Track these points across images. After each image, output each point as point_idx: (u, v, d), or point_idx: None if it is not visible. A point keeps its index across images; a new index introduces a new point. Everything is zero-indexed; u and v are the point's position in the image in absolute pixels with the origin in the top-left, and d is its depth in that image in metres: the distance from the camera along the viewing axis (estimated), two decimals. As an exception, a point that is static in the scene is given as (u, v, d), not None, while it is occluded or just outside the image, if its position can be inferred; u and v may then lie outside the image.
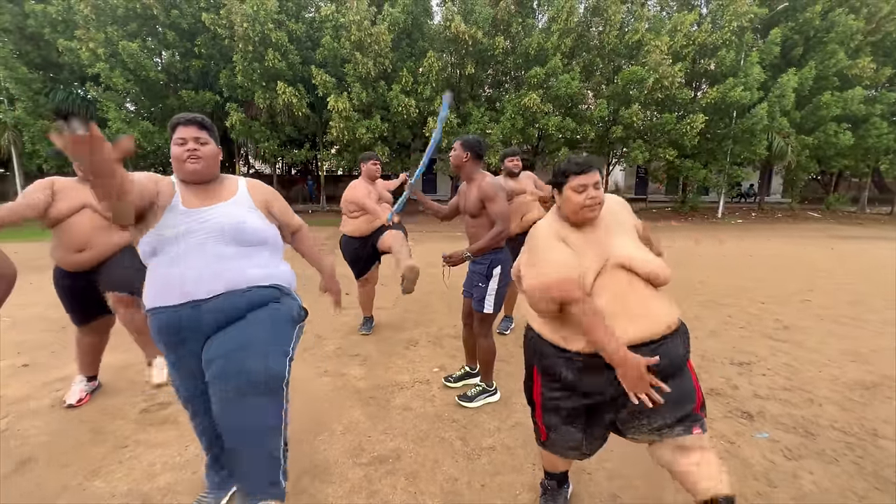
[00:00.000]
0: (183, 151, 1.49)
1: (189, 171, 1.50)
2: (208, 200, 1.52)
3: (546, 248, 1.44)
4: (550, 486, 1.77)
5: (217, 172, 1.60)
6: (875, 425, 2.45)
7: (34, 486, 1.93)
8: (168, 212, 1.45)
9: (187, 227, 1.44)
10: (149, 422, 2.46)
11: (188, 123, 1.51)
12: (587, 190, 1.42)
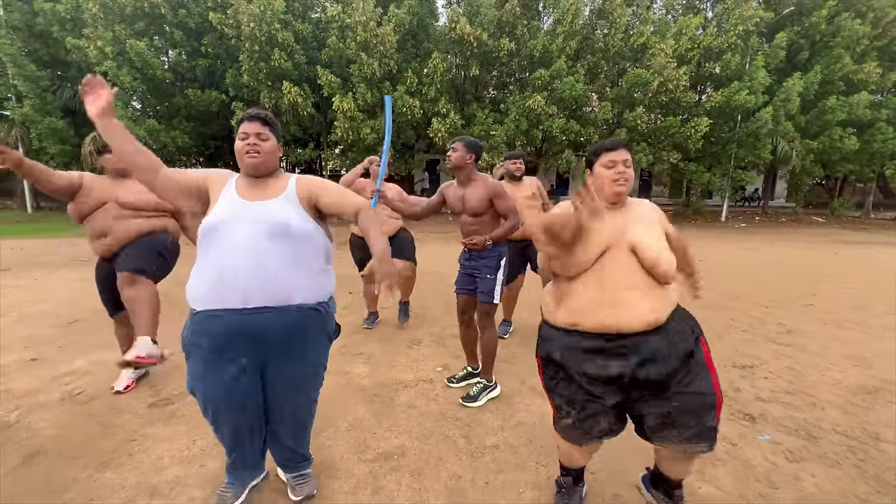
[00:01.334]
0: (244, 145, 1.57)
1: (248, 164, 1.59)
2: (260, 195, 1.58)
3: (559, 206, 1.60)
4: (566, 483, 1.77)
5: (275, 167, 1.67)
6: (877, 429, 2.46)
7: (44, 477, 1.96)
8: (222, 199, 1.56)
9: (236, 215, 1.51)
10: (156, 416, 2.49)
11: (252, 119, 1.60)
12: (616, 166, 1.52)
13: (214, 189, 1.61)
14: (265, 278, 1.47)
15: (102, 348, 3.39)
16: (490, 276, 2.58)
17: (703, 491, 1.94)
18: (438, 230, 12.72)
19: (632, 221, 1.52)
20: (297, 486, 1.80)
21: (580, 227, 1.36)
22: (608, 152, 1.53)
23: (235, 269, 1.45)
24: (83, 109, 6.77)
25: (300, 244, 1.56)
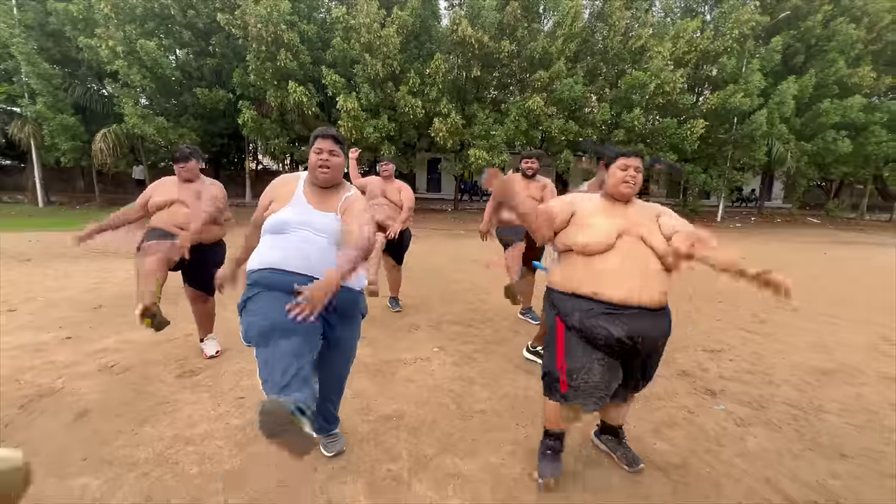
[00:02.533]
0: (318, 159, 1.84)
1: (320, 178, 1.86)
2: (323, 206, 1.87)
3: (561, 200, 1.95)
4: (552, 447, 2.00)
5: (340, 179, 1.95)
6: (823, 403, 2.78)
7: (93, 431, 2.29)
8: (293, 201, 1.86)
9: (308, 221, 1.80)
10: (183, 385, 2.81)
11: (326, 137, 1.85)
12: (629, 170, 1.82)
13: (280, 196, 1.90)
14: (323, 267, 1.70)
15: (128, 329, 3.72)
16: None
17: (658, 447, 2.26)
18: (444, 228, 13.03)
19: (642, 217, 1.82)
20: (328, 444, 2.11)
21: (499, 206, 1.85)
22: (626, 157, 1.84)
23: (304, 253, 1.75)
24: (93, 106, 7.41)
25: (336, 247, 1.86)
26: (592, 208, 1.88)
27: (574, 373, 1.74)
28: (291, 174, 2.04)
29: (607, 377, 1.73)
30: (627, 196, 1.85)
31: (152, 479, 1.93)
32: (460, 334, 3.86)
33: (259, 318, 1.66)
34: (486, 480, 1.98)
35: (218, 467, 2.01)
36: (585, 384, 1.73)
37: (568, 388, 1.76)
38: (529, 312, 4.29)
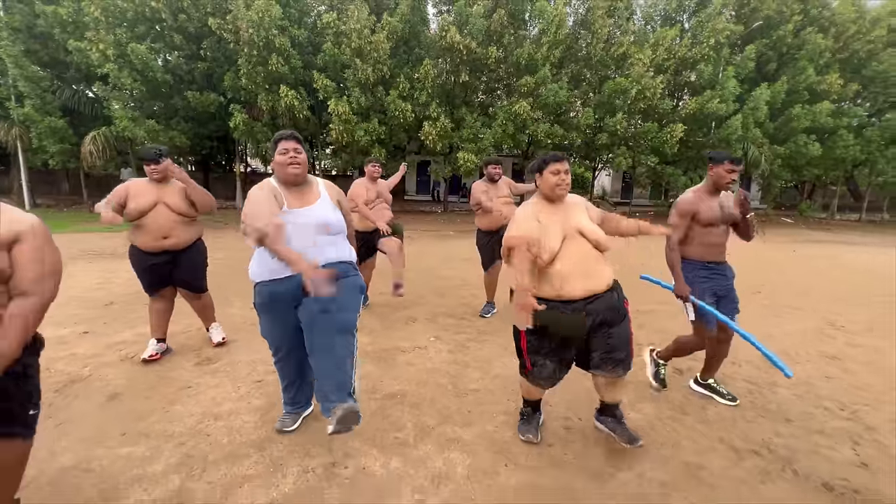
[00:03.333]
0: (287, 158, 2.04)
1: (291, 173, 2.05)
2: (304, 202, 2.10)
3: (519, 219, 2.14)
4: (527, 413, 2.38)
5: (307, 176, 2.17)
6: (776, 379, 3.15)
7: (128, 410, 2.54)
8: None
9: (294, 223, 1.99)
10: (203, 372, 3.07)
11: (289, 138, 2.08)
12: (559, 174, 2.07)
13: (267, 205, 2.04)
14: (319, 255, 2.00)
15: (141, 324, 3.94)
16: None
17: (631, 416, 2.60)
18: (433, 229, 13.32)
19: (572, 213, 2.13)
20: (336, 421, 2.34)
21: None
22: (555, 163, 2.09)
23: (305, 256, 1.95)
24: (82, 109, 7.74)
25: (338, 231, 2.15)
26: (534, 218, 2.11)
27: (533, 364, 2.17)
28: (262, 183, 2.11)
29: (558, 369, 2.17)
30: (563, 196, 2.13)
31: (189, 447, 2.19)
32: (454, 325, 4.17)
33: (275, 337, 2.19)
34: (482, 443, 2.29)
35: (246, 437, 2.28)
36: (543, 372, 2.16)
37: (529, 373, 2.21)
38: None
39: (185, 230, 3.16)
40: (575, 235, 2.06)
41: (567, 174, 2.11)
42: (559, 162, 2.10)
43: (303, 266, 1.71)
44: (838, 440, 2.40)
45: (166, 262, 3.12)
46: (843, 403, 2.82)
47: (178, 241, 3.12)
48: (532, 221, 2.10)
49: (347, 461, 2.11)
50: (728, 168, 2.54)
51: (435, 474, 2.04)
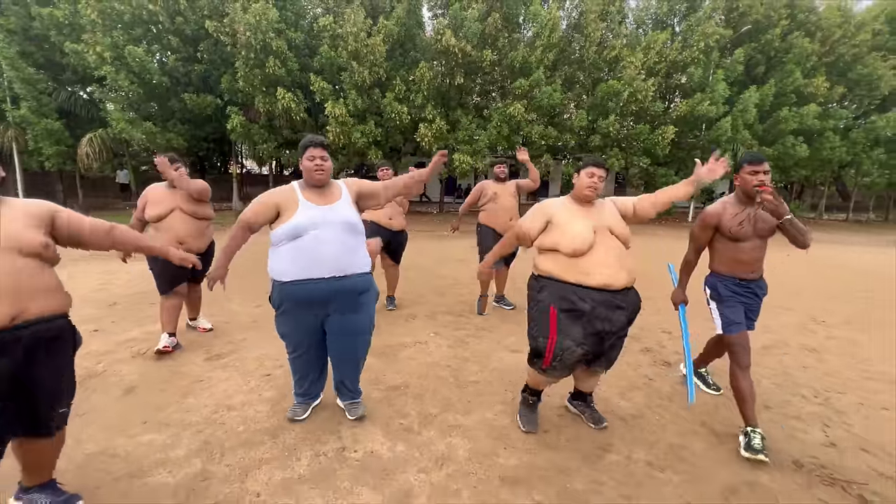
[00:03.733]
0: (313, 165, 2.22)
1: (316, 179, 2.24)
2: (327, 200, 2.25)
3: (535, 214, 2.34)
4: (531, 400, 2.50)
5: (330, 179, 2.33)
6: (759, 370, 3.33)
7: (144, 402, 2.67)
8: (301, 207, 2.18)
9: (318, 218, 2.16)
10: (213, 367, 3.20)
11: (317, 146, 2.24)
12: (594, 177, 2.23)
13: (285, 202, 2.21)
14: (341, 258, 2.18)
15: (148, 322, 4.07)
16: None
17: (622, 404, 2.78)
18: (429, 229, 13.46)
19: (604, 214, 2.28)
20: (351, 409, 2.52)
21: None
22: (591, 167, 2.23)
23: (324, 253, 2.14)
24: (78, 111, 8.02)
25: (356, 231, 2.29)
26: (568, 215, 2.28)
27: (561, 351, 2.12)
28: (284, 187, 2.30)
29: (590, 352, 2.16)
30: (591, 198, 2.29)
31: (206, 434, 2.33)
32: (452, 322, 4.33)
33: (291, 336, 2.36)
34: (482, 429, 2.45)
35: (260, 425, 2.43)
36: (567, 361, 2.13)
37: (550, 364, 2.17)
38: (503, 300, 4.86)
39: (200, 236, 3.36)
40: (607, 232, 2.21)
41: (601, 181, 2.24)
42: (596, 167, 2.25)
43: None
44: (811, 424, 2.59)
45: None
46: (817, 390, 3.02)
47: (194, 247, 3.29)
48: (540, 217, 2.30)
49: (356, 446, 2.26)
50: (748, 170, 2.29)
51: (438, 456, 2.20)
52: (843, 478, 2.10)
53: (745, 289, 2.47)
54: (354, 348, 2.40)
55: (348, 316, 2.28)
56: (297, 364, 2.44)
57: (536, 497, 1.92)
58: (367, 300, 2.35)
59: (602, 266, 2.13)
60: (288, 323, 2.30)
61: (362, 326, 2.37)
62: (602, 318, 2.13)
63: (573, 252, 2.15)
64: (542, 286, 2.26)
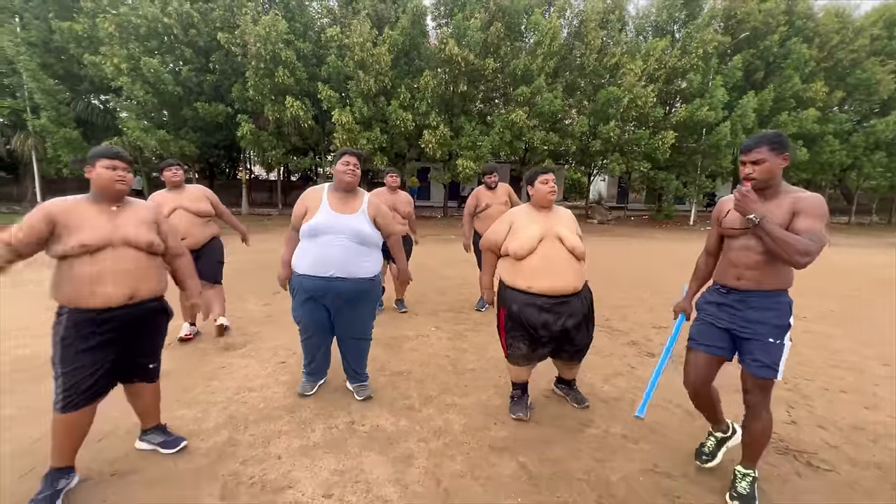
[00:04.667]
0: (346, 169, 2.52)
1: (346, 182, 2.53)
2: (346, 209, 2.53)
3: (497, 224, 2.60)
4: (516, 395, 2.75)
5: (357, 186, 2.63)
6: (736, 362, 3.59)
7: (174, 385, 2.97)
8: (321, 210, 2.50)
9: (332, 224, 2.47)
10: (233, 356, 3.51)
11: (353, 154, 2.57)
12: (549, 183, 2.48)
13: (312, 204, 2.57)
14: (346, 262, 2.49)
15: (172, 318, 4.38)
16: (776, 340, 1.85)
17: (605, 389, 3.05)
18: (434, 233, 13.76)
19: (557, 221, 2.52)
20: (359, 391, 2.83)
21: None
22: (543, 174, 2.53)
23: (328, 256, 2.46)
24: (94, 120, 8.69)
25: (367, 242, 2.59)
26: (525, 220, 2.49)
27: (509, 346, 2.53)
28: (318, 186, 2.65)
29: (530, 349, 2.49)
30: (552, 202, 2.53)
31: (231, 411, 2.64)
32: (453, 318, 4.62)
33: (302, 319, 2.67)
34: (477, 408, 2.74)
35: (278, 403, 2.73)
36: (517, 352, 2.51)
37: (507, 355, 2.59)
38: None
39: (201, 230, 3.67)
40: (553, 239, 2.43)
41: (555, 184, 2.53)
42: (548, 174, 2.54)
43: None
44: (776, 406, 2.81)
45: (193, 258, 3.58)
46: (787, 378, 3.26)
47: (196, 241, 3.61)
48: (504, 226, 2.55)
49: (364, 420, 2.56)
50: (741, 160, 1.90)
51: (436, 429, 2.48)
52: (796, 448, 2.36)
53: (726, 298, 1.99)
54: (356, 339, 2.76)
55: (350, 312, 2.61)
56: (306, 345, 2.77)
57: (521, 460, 2.20)
58: (367, 300, 2.65)
59: (531, 271, 2.39)
60: (299, 308, 2.64)
61: (362, 322, 2.72)
62: (531, 318, 2.39)
63: (514, 255, 2.42)
64: (499, 289, 2.61)
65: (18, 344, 3.64)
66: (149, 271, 2.01)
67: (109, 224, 1.90)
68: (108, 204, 1.95)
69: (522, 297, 2.42)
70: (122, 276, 1.89)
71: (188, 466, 2.12)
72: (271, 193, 20.89)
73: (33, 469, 2.04)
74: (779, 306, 1.89)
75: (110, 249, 1.87)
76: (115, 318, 1.90)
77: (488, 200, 4.61)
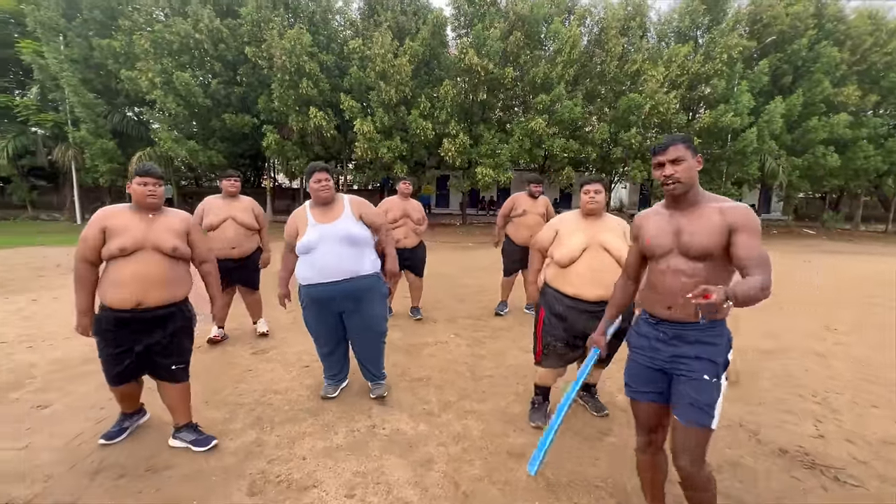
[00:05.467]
0: (320, 187, 2.67)
1: (322, 198, 2.69)
2: (329, 218, 2.67)
3: (545, 227, 2.67)
4: (537, 401, 2.78)
5: (334, 196, 2.76)
6: (758, 371, 3.53)
7: (206, 386, 3.10)
8: (308, 226, 2.66)
9: (321, 235, 2.61)
10: (259, 360, 3.63)
11: (321, 170, 2.68)
12: (590, 193, 2.51)
13: (301, 223, 2.71)
14: (343, 265, 2.62)
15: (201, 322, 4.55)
16: (712, 378, 1.51)
17: (620, 398, 3.03)
18: (453, 241, 13.85)
19: (603, 230, 2.53)
20: (374, 389, 2.93)
21: None
22: (587, 184, 2.52)
23: (326, 265, 2.61)
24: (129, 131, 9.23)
25: (358, 242, 2.69)
26: (572, 227, 2.54)
27: (546, 345, 2.54)
28: (301, 206, 2.80)
29: (567, 350, 2.51)
30: (594, 211, 2.55)
31: (258, 412, 2.74)
32: (472, 325, 4.66)
33: (313, 328, 2.84)
34: (495, 415, 2.77)
35: (302, 406, 2.82)
36: (553, 352, 2.54)
37: (540, 356, 2.60)
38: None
39: (248, 241, 3.83)
40: (597, 248, 2.45)
41: (597, 194, 2.53)
42: (591, 184, 2.55)
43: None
44: (803, 418, 2.78)
45: (233, 266, 3.75)
46: (816, 391, 3.19)
47: (243, 251, 3.78)
48: (551, 231, 2.61)
49: (385, 424, 2.62)
50: (657, 161, 1.60)
51: (454, 435, 2.53)
52: (823, 463, 2.31)
53: (656, 331, 1.64)
54: (368, 338, 2.84)
55: (358, 311, 2.73)
56: (322, 352, 2.90)
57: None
58: (371, 297, 2.75)
59: (577, 278, 2.43)
60: (310, 317, 2.79)
61: (371, 320, 2.78)
62: (575, 323, 2.44)
63: (559, 262, 2.48)
64: (543, 291, 2.65)
65: (57, 345, 3.86)
66: (174, 276, 2.21)
67: (145, 230, 2.15)
68: (146, 213, 2.20)
69: (568, 300, 2.47)
70: (148, 280, 2.11)
71: (218, 464, 2.22)
72: (293, 201, 21.42)
73: (73, 467, 2.18)
74: (719, 340, 1.54)
75: (141, 253, 2.11)
76: (137, 320, 2.13)
77: (526, 207, 4.69)
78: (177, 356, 2.31)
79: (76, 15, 14.49)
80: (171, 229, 2.22)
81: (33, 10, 13.84)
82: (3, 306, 5.05)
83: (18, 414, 2.67)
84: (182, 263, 2.27)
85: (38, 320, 4.57)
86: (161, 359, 2.25)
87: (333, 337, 2.84)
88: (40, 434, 2.45)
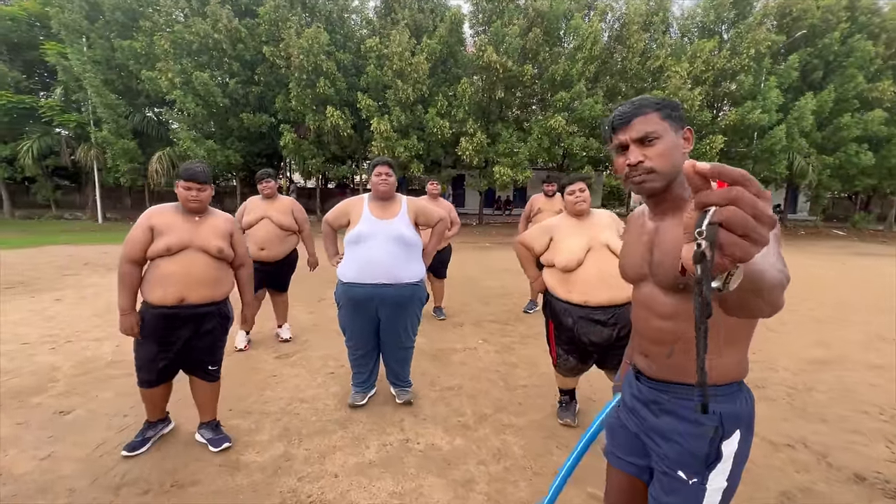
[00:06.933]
0: (380, 181, 2.58)
1: (381, 192, 2.59)
2: (386, 215, 2.59)
3: (534, 229, 2.55)
4: (564, 400, 2.69)
5: (394, 193, 2.67)
6: (814, 385, 3.28)
7: (230, 392, 2.97)
8: (363, 219, 2.56)
9: (375, 230, 2.52)
10: (282, 364, 3.51)
11: (384, 164, 2.61)
12: (575, 193, 2.43)
13: (354, 213, 2.62)
14: (391, 266, 2.50)
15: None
16: (690, 479, 1.01)
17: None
18: (470, 241, 13.68)
19: (598, 228, 2.41)
20: (400, 395, 2.81)
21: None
22: (570, 185, 2.46)
23: (373, 261, 2.50)
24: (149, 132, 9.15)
25: (409, 245, 2.58)
26: (567, 231, 2.43)
27: (559, 357, 2.52)
28: (359, 196, 2.73)
29: (581, 362, 2.47)
30: (582, 212, 2.45)
31: (284, 423, 2.61)
32: (499, 330, 4.48)
33: (348, 328, 2.73)
34: (535, 429, 2.59)
35: (330, 416, 2.68)
36: (568, 364, 2.50)
37: (556, 364, 2.58)
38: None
39: (279, 244, 3.71)
40: (601, 249, 2.33)
41: (582, 192, 2.44)
42: (573, 184, 2.47)
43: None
44: (873, 439, 2.54)
45: (267, 270, 3.67)
46: (883, 408, 2.93)
47: (271, 254, 3.66)
48: (544, 237, 2.48)
49: (419, 438, 2.46)
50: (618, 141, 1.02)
51: (494, 451, 2.36)
52: (905, 491, 2.08)
53: (637, 389, 1.15)
54: (398, 345, 2.75)
55: (395, 318, 2.64)
56: (356, 362, 2.77)
57: (590, 490, 2.04)
58: (411, 305, 2.68)
59: (583, 283, 2.30)
60: (346, 317, 2.68)
61: (406, 329, 2.72)
62: (584, 332, 2.33)
63: (563, 268, 2.35)
64: (546, 300, 2.54)
65: (81, 347, 3.79)
66: (217, 276, 2.22)
67: (191, 230, 2.18)
68: (192, 214, 2.23)
69: (577, 310, 2.35)
70: (191, 278, 2.13)
71: (245, 481, 2.08)
72: (308, 200, 21.46)
73: (95, 481, 2.07)
74: (708, 418, 0.98)
75: (186, 252, 2.14)
76: (179, 316, 2.14)
77: (542, 206, 4.70)
78: (215, 355, 2.33)
79: (98, 17, 14.70)
80: (217, 230, 2.24)
81: (58, 13, 14.08)
82: (27, 305, 5.04)
83: (41, 420, 2.58)
84: (225, 264, 2.28)
85: (60, 320, 4.53)
86: (203, 356, 2.28)
87: (369, 340, 2.73)
88: (62, 443, 2.35)
